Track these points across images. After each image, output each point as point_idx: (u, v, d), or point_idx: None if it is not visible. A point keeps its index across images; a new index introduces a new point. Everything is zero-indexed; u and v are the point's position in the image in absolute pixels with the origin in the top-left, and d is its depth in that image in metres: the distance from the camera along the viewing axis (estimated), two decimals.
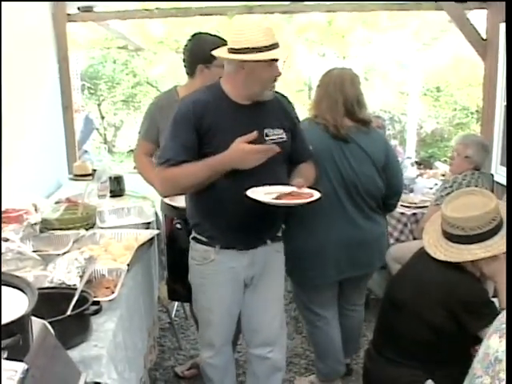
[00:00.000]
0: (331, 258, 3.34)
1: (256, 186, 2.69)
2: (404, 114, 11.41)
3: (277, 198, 2.65)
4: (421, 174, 5.79)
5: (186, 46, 3.45)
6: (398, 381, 2.76)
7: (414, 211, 4.65)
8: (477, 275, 2.70)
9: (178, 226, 3.27)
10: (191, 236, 3.01)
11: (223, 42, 2.94)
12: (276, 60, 2.72)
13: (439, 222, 2.80)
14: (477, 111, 10.73)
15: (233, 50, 2.67)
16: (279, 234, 3.08)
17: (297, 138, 2.98)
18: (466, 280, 2.68)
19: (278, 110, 2.90)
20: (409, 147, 8.78)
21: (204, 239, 2.92)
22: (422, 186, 5.01)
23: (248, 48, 2.62)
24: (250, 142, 2.66)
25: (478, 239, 2.65)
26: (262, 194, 2.66)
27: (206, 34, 3.45)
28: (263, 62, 2.66)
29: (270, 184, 2.73)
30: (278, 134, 2.85)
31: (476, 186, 4.02)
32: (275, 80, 2.77)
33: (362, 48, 10.79)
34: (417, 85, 9.35)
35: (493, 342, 2.00)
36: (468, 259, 2.66)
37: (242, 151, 2.63)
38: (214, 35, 3.39)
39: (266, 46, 2.63)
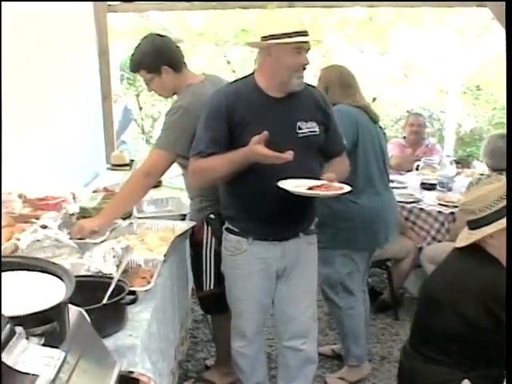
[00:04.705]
0: (381, 223, 3.63)
1: (289, 179, 2.69)
2: (443, 111, 11.26)
3: (309, 190, 2.66)
4: (459, 173, 5.71)
5: (145, 42, 3.43)
6: (434, 379, 2.72)
7: (452, 210, 4.58)
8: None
9: (212, 216, 3.26)
10: (224, 226, 3.02)
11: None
12: (305, 49, 2.70)
13: None
14: None
15: (261, 38, 2.70)
16: (312, 228, 3.06)
17: (330, 131, 2.96)
18: (501, 276, 2.63)
19: (310, 103, 2.89)
20: (447, 145, 8.67)
21: (237, 230, 2.94)
22: (460, 185, 4.93)
23: (273, 35, 2.64)
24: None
25: (490, 220, 2.63)
26: (292, 186, 2.65)
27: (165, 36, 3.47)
28: (289, 49, 2.66)
29: (303, 177, 2.72)
30: (310, 128, 2.84)
31: None
32: (304, 69, 2.75)
33: (403, 44, 10.67)
34: (456, 83, 9.22)
35: None
36: (477, 237, 2.66)
37: (254, 153, 2.57)
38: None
39: (291, 32, 2.62)
